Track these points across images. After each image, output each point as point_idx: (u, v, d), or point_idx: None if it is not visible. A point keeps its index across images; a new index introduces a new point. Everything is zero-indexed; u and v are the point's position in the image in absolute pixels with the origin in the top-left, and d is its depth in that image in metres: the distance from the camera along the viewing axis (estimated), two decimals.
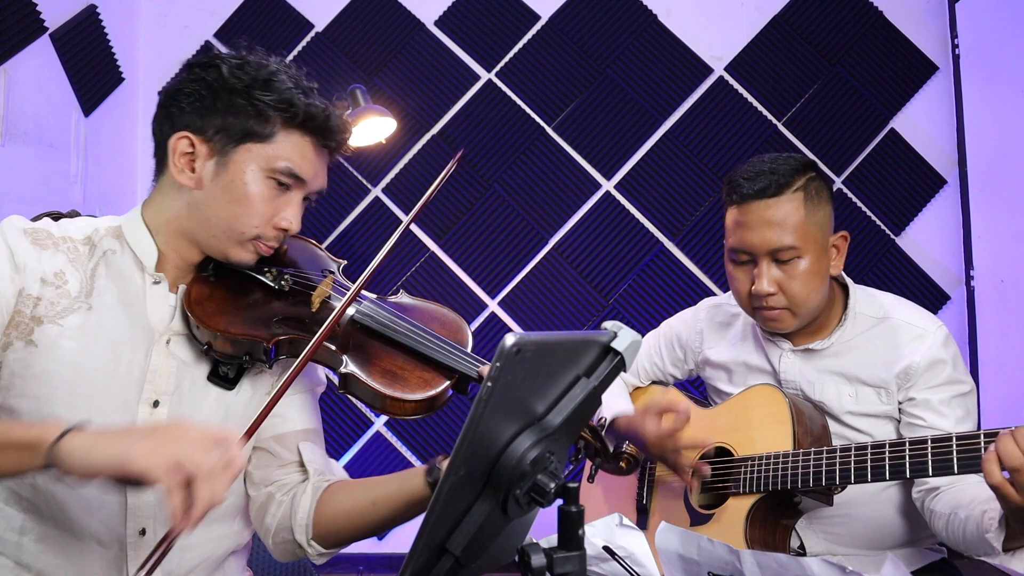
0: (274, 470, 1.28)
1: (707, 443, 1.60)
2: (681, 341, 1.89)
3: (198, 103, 1.18)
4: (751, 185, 1.54)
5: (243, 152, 1.18)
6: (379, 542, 3.33)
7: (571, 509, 0.78)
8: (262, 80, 1.18)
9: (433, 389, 1.19)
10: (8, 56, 2.58)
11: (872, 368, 1.59)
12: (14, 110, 2.60)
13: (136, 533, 1.18)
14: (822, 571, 0.94)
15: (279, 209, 1.21)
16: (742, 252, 1.57)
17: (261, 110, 1.17)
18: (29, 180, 2.70)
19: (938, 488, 1.50)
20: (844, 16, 3.41)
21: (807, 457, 1.46)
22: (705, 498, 1.68)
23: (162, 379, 1.19)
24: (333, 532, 1.24)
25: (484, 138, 3.44)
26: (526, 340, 0.74)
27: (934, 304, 3.32)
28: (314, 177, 1.23)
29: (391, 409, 1.19)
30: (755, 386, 1.67)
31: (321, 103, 1.21)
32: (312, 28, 3.49)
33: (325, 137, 1.22)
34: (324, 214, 3.41)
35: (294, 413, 1.31)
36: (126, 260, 1.22)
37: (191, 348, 1.22)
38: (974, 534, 1.37)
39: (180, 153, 1.19)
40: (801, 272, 1.54)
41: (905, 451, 1.34)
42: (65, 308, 1.15)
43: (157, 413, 1.18)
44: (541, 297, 3.40)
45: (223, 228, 1.19)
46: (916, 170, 3.37)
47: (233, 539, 1.30)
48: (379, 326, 1.23)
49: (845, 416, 1.62)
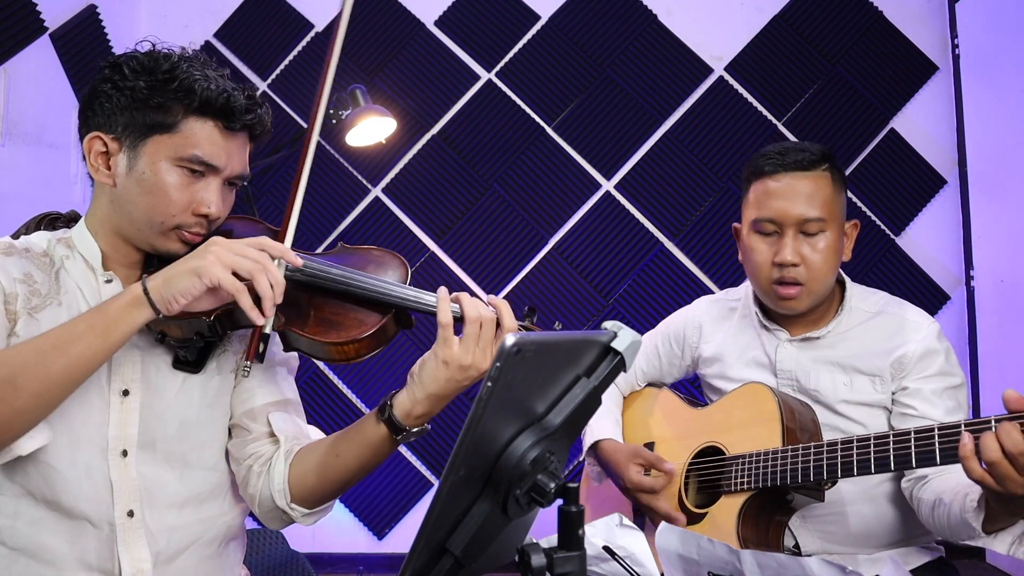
0: (248, 444, 1.31)
1: (679, 521, 1.63)
2: (679, 337, 1.89)
3: (107, 104, 1.22)
4: (785, 158, 1.61)
5: (152, 144, 1.21)
6: (379, 542, 3.33)
7: (571, 509, 0.78)
8: (162, 72, 1.20)
9: (369, 328, 1.22)
10: (8, 56, 2.58)
11: (867, 357, 1.62)
12: (14, 110, 2.61)
13: (124, 514, 1.20)
14: (822, 571, 0.94)
15: (196, 195, 1.22)
16: (769, 222, 1.61)
17: (162, 102, 1.20)
18: (29, 180, 2.71)
19: (926, 477, 1.52)
20: (844, 16, 3.41)
21: (795, 453, 1.48)
22: (699, 498, 1.69)
23: (127, 368, 1.23)
24: (309, 492, 1.27)
25: (484, 138, 3.44)
26: (526, 340, 0.74)
27: (934, 304, 3.32)
28: (227, 162, 1.24)
29: (335, 355, 1.22)
30: (745, 385, 1.68)
31: (222, 86, 1.22)
32: (312, 28, 3.49)
33: (229, 119, 1.23)
34: (324, 214, 3.42)
35: (260, 387, 1.34)
36: (78, 265, 1.26)
37: (149, 338, 1.26)
38: (957, 517, 1.38)
39: (96, 153, 1.23)
40: (824, 247, 1.59)
41: (889, 444, 1.36)
42: (38, 305, 1.20)
43: (129, 401, 1.23)
44: (541, 297, 3.40)
45: (144, 220, 1.23)
46: (916, 170, 3.38)
47: (223, 521, 1.31)
48: (308, 278, 1.25)
49: (839, 405, 1.63)
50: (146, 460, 1.23)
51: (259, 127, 1.29)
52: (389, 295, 1.24)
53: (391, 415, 1.20)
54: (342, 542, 3.33)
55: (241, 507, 1.36)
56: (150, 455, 1.23)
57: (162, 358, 1.27)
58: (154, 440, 1.24)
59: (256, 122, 1.28)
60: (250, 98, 1.26)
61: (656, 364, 1.94)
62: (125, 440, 1.21)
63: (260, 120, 1.28)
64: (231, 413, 1.33)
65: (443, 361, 1.17)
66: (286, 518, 1.29)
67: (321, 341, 1.20)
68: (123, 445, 1.21)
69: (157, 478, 1.23)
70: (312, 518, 1.31)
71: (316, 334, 1.20)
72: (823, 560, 0.96)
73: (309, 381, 3.32)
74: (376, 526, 3.35)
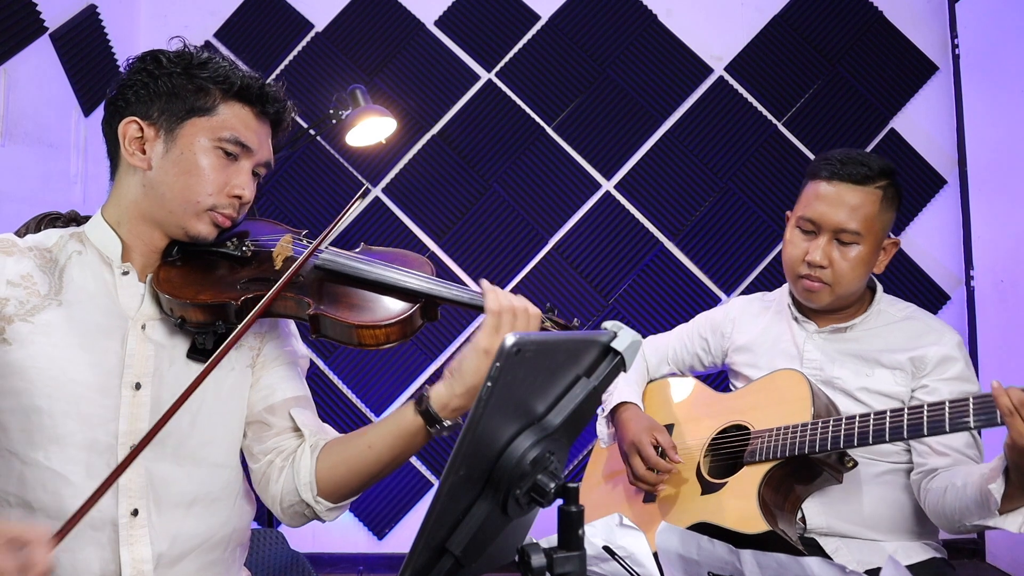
0: (270, 439, 1.31)
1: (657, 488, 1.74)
2: (713, 326, 1.97)
3: (142, 91, 1.26)
4: (843, 168, 1.68)
5: (189, 127, 1.26)
6: (379, 542, 3.33)
7: (571, 509, 0.78)
8: (198, 62, 1.27)
9: (400, 313, 1.24)
10: (8, 56, 2.58)
11: (889, 353, 1.69)
12: (14, 110, 2.61)
13: (128, 514, 1.19)
14: (822, 571, 0.94)
15: (230, 178, 1.28)
16: (810, 221, 1.69)
17: (200, 85, 1.26)
18: (29, 180, 2.71)
19: (936, 470, 1.57)
20: (844, 16, 3.41)
21: (825, 424, 1.54)
22: (717, 470, 1.73)
23: (140, 362, 1.23)
24: (336, 485, 1.27)
25: (484, 138, 3.44)
26: (526, 340, 0.74)
27: (934, 304, 3.32)
28: (259, 146, 1.31)
29: (364, 339, 1.23)
30: (779, 370, 1.74)
31: (256, 75, 1.31)
32: (312, 28, 3.49)
33: (264, 104, 1.31)
34: (324, 214, 3.41)
35: (281, 382, 1.34)
36: (91, 259, 1.26)
37: (167, 329, 1.27)
38: (972, 496, 1.44)
39: (130, 138, 1.26)
40: (853, 257, 1.67)
41: (903, 414, 1.44)
42: (35, 306, 1.20)
43: (140, 395, 1.22)
44: (541, 297, 3.40)
45: (179, 201, 1.25)
46: (916, 170, 3.38)
47: (230, 525, 1.30)
48: (341, 267, 1.29)
49: (858, 392, 1.69)
50: (154, 456, 1.21)
51: (285, 117, 1.36)
52: (419, 285, 1.26)
53: (428, 406, 1.21)
54: (342, 542, 3.33)
55: (249, 510, 1.34)
56: (159, 451, 1.21)
57: (177, 350, 1.27)
58: (165, 435, 1.20)
59: (283, 112, 1.35)
60: (279, 89, 1.34)
61: (688, 346, 2.01)
62: (134, 435, 1.19)
63: (287, 111, 1.36)
64: (250, 410, 1.33)
65: (485, 351, 1.18)
66: (309, 513, 1.29)
67: (352, 323, 1.21)
68: (132, 440, 1.19)
69: (165, 476, 1.22)
70: (334, 513, 1.30)
71: (348, 317, 1.22)
72: (823, 560, 0.96)
73: (314, 385, 3.30)
74: (376, 526, 3.35)
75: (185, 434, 1.24)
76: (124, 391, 1.21)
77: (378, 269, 1.28)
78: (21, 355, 1.17)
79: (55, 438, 1.16)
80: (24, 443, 1.17)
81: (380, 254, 1.36)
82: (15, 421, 1.17)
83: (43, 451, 1.16)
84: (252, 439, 1.33)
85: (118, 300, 1.25)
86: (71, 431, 1.17)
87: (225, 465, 1.29)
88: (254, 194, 1.31)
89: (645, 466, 1.72)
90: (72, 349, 1.19)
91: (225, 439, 1.29)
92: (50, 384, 1.17)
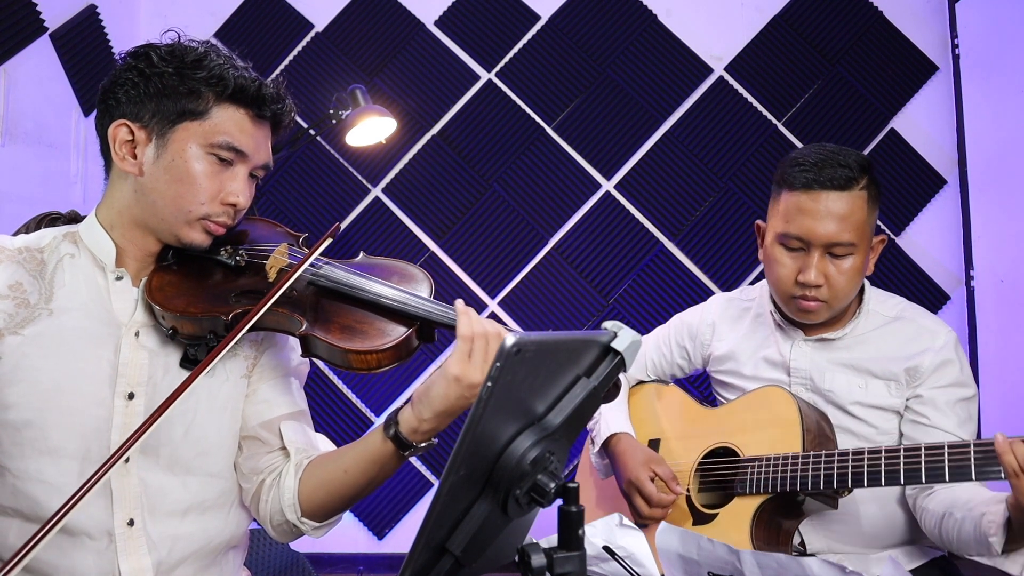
0: (263, 457, 1.29)
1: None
2: (691, 332, 1.87)
3: (132, 91, 1.20)
4: (821, 173, 1.52)
5: (181, 131, 1.19)
6: (379, 542, 3.33)
7: (571, 509, 0.78)
8: (191, 60, 1.20)
9: (393, 338, 1.19)
10: (8, 56, 2.58)
11: (883, 362, 1.61)
12: (14, 110, 2.61)
13: (124, 524, 1.17)
14: (822, 571, 0.94)
15: (224, 184, 1.22)
16: (796, 239, 1.55)
17: (193, 87, 1.19)
18: (29, 180, 2.71)
19: (931, 487, 1.52)
20: (844, 16, 3.41)
21: (817, 459, 1.47)
22: (707, 498, 1.68)
23: (134, 371, 1.20)
24: (318, 506, 1.25)
25: (484, 138, 3.44)
26: (526, 340, 0.74)
27: (934, 304, 3.32)
28: (256, 150, 1.24)
29: (355, 364, 1.19)
30: (764, 387, 1.67)
31: (252, 75, 1.23)
32: (312, 28, 3.49)
33: (260, 107, 1.23)
34: (324, 214, 3.41)
35: (278, 397, 1.31)
36: (84, 262, 1.23)
37: (159, 337, 1.23)
38: (971, 535, 1.38)
39: (120, 141, 1.21)
40: (848, 268, 1.55)
41: (921, 456, 1.35)
42: (25, 318, 1.16)
43: (133, 405, 1.19)
44: (541, 297, 3.40)
45: (171, 210, 1.21)
46: (916, 170, 3.37)
47: (227, 532, 1.29)
48: (334, 284, 1.23)
49: (852, 407, 1.62)
50: (148, 466, 1.20)
51: (285, 117, 1.29)
52: (417, 308, 1.20)
53: (397, 432, 1.17)
54: (342, 542, 3.32)
55: (246, 516, 1.33)
56: (153, 460, 1.20)
57: (170, 358, 1.24)
58: (158, 445, 1.20)
59: (282, 112, 1.28)
60: (277, 89, 1.26)
61: (666, 354, 1.91)
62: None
63: (286, 111, 1.28)
64: (245, 424, 1.30)
65: (455, 378, 1.11)
66: (296, 531, 1.27)
67: (344, 348, 1.17)
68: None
69: (159, 485, 1.20)
70: (322, 531, 1.28)
71: (340, 340, 1.18)
72: (823, 560, 0.96)
73: (314, 386, 3.32)
74: (376, 526, 3.35)
75: (179, 445, 1.22)
76: (117, 401, 1.18)
77: (374, 287, 1.22)
78: (11, 368, 1.14)
79: (47, 450, 1.14)
80: (16, 457, 1.15)
81: (379, 267, 1.30)
82: (6, 435, 1.15)
83: (35, 464, 1.14)
84: (246, 456, 1.29)
85: (111, 306, 1.22)
86: (63, 443, 1.15)
87: (220, 475, 1.27)
88: (251, 199, 1.26)
89: (648, 505, 1.64)
90: (63, 360, 1.16)
91: (220, 449, 1.27)
92: (41, 397, 1.14)
